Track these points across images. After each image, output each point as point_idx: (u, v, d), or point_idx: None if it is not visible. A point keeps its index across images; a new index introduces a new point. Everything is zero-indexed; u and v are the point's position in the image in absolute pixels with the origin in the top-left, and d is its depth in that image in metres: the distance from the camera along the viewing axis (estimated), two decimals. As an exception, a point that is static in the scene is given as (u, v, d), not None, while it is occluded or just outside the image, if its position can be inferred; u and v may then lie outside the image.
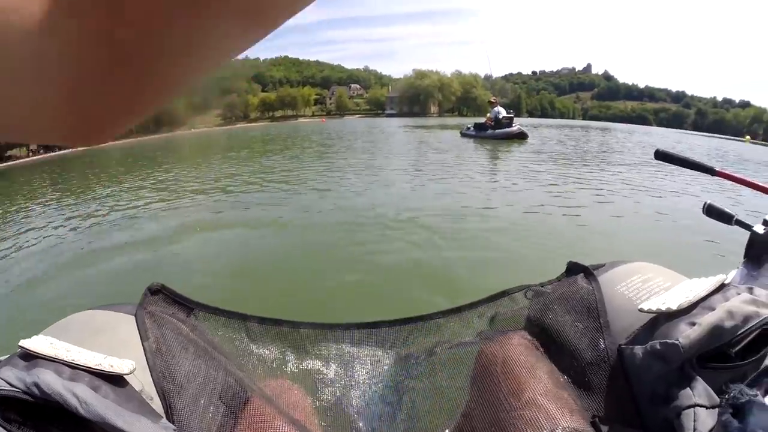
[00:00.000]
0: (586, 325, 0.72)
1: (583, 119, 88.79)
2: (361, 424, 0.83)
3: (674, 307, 0.57)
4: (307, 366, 0.90)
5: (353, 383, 0.89)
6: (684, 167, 1.24)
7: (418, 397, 0.86)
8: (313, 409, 0.81)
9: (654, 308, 0.60)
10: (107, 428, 0.45)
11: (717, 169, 1.19)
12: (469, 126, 17.70)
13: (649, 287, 0.69)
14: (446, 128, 26.98)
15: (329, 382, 0.89)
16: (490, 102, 16.87)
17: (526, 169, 8.65)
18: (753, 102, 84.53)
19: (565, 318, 0.77)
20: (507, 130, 15.01)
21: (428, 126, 32.41)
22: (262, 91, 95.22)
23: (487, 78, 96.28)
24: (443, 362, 0.89)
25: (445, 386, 0.85)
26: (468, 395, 0.80)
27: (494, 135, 15.15)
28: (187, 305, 0.84)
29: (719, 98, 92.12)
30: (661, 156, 1.28)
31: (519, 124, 15.54)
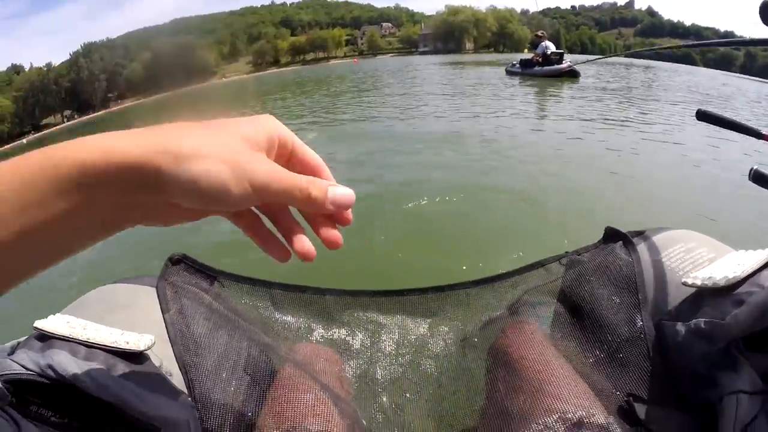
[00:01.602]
0: (624, 299, 0.70)
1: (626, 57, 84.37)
2: (385, 399, 0.81)
3: (722, 283, 0.54)
4: (333, 335, 0.88)
5: (379, 354, 0.87)
6: (728, 129, 1.15)
7: (444, 377, 0.83)
8: (338, 379, 0.79)
9: (699, 282, 0.57)
10: (123, 408, 0.44)
11: (765, 132, 1.11)
12: (514, 62, 16.67)
13: (692, 258, 0.66)
14: (482, 65, 25.66)
15: (355, 352, 0.87)
16: (537, 36, 15.62)
17: (577, 113, 8.01)
18: (810, 45, 78.24)
19: (601, 291, 0.74)
20: (557, 67, 13.99)
21: (465, 62, 31.05)
22: (291, 35, 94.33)
23: (524, 13, 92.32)
24: (473, 339, 0.86)
25: (473, 366, 0.82)
26: (496, 375, 0.77)
27: (542, 72, 14.17)
28: (209, 274, 0.82)
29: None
30: (703, 116, 1.20)
31: (569, 60, 14.60)
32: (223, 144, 0.30)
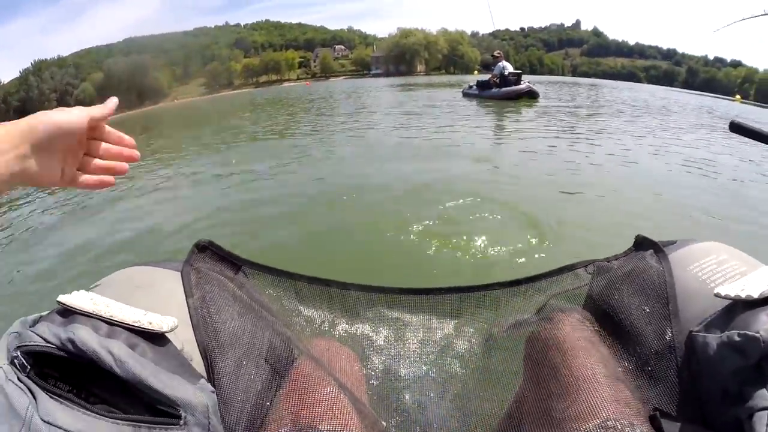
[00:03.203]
0: (654, 309, 0.67)
1: (573, 75, 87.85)
2: (407, 397, 0.81)
3: (755, 295, 0.51)
4: (356, 330, 0.88)
5: (402, 352, 0.87)
6: (761, 142, 1.10)
7: (471, 378, 0.83)
8: (359, 376, 0.78)
9: (732, 294, 0.54)
10: (142, 387, 0.44)
11: None
12: (471, 84, 16.31)
13: (724, 270, 0.64)
14: (433, 86, 26.08)
15: (378, 348, 0.87)
16: (493, 56, 15.01)
17: (540, 132, 7.85)
18: (744, 62, 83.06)
19: (631, 300, 0.72)
20: (515, 88, 13.44)
21: (418, 84, 31.30)
22: (245, 56, 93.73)
23: (474, 35, 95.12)
24: (499, 341, 0.85)
25: (499, 369, 0.82)
26: (521, 379, 0.76)
27: (500, 94, 13.57)
28: (234, 262, 0.81)
29: (710, 57, 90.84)
30: (736, 128, 1.13)
31: (528, 81, 14.13)
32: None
